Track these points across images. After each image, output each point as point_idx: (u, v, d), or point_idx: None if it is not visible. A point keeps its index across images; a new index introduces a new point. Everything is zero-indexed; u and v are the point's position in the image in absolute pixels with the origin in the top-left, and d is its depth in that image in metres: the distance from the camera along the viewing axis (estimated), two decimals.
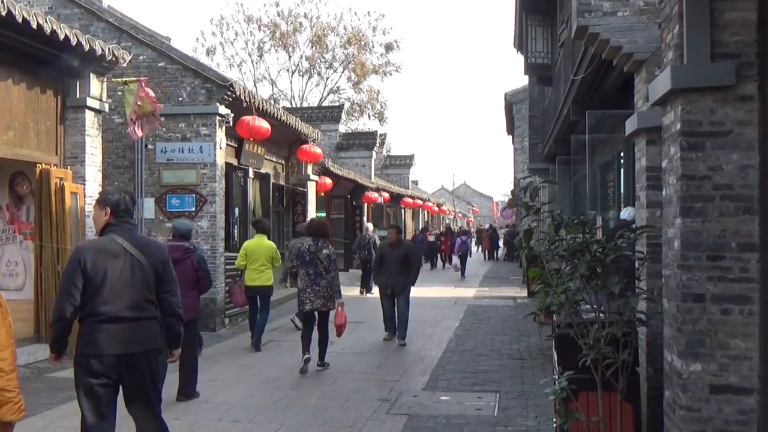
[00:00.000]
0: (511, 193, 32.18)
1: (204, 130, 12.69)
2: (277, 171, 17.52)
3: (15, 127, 8.95)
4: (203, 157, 12.66)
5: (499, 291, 19.58)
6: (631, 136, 6.15)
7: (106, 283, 4.14)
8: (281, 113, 15.31)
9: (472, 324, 13.06)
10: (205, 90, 12.72)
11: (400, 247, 11.05)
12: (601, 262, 4.42)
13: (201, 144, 12.64)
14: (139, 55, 12.76)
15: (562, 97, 10.87)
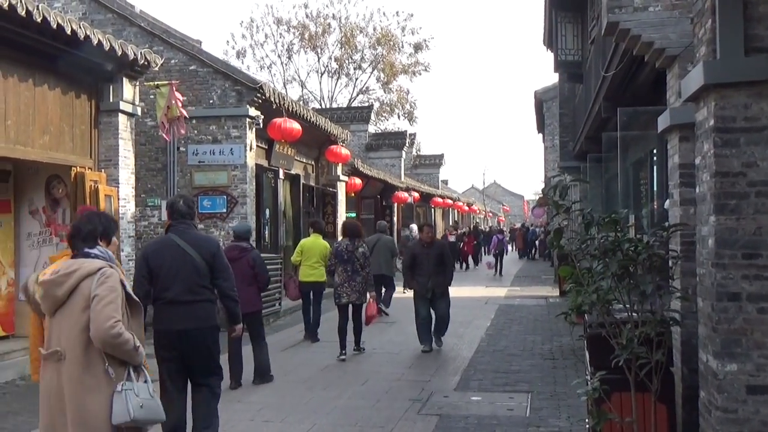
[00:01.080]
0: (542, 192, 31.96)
1: (234, 132, 12.80)
2: (307, 172, 17.61)
3: (51, 132, 9.12)
4: (234, 159, 12.77)
5: (531, 290, 19.45)
6: (664, 132, 6.07)
7: (164, 273, 5.05)
8: (311, 114, 15.39)
9: (503, 324, 13.00)
10: (236, 92, 12.83)
11: (434, 247, 10.31)
12: (633, 261, 4.37)
13: (231, 146, 12.75)
14: (170, 59, 12.92)
15: (593, 94, 10.76)
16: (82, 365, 3.57)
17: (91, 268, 3.63)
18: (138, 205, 11.96)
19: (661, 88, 6.89)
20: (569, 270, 4.66)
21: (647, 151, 8.87)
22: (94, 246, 3.76)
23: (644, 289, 4.31)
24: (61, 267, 3.69)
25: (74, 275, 3.62)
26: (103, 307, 3.52)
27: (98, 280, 3.59)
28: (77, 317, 3.60)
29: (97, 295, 3.55)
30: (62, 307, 3.65)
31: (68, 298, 3.63)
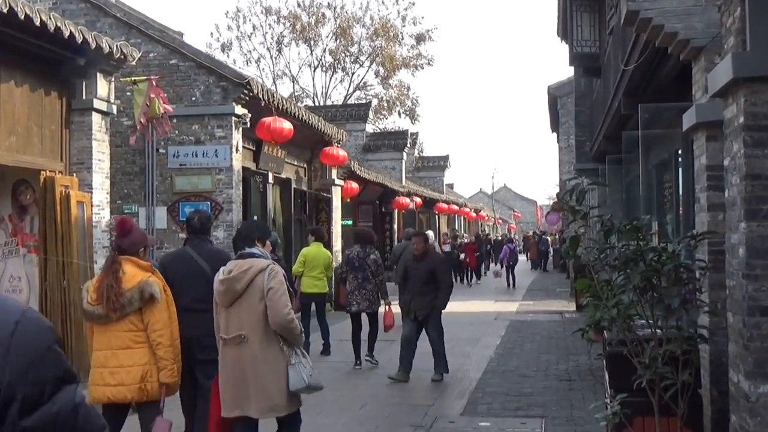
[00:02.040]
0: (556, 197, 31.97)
1: (219, 132, 12.81)
2: (299, 175, 17.62)
3: (17, 132, 9.12)
4: (218, 162, 12.78)
5: (545, 305, 19.44)
6: (689, 131, 6.08)
7: (177, 282, 5.61)
8: (303, 113, 15.41)
9: (514, 341, 12.99)
10: (221, 89, 12.85)
11: (425, 261, 9.55)
12: (657, 272, 4.38)
13: (216, 147, 12.76)
14: (149, 53, 12.94)
15: (612, 90, 10.78)
16: (262, 345, 4.85)
17: (262, 265, 4.89)
18: (113, 213, 11.95)
19: (686, 83, 6.90)
20: (586, 282, 4.67)
21: (671, 152, 8.88)
22: (253, 246, 5.06)
23: (669, 303, 4.32)
24: (234, 267, 4.95)
25: (249, 272, 4.87)
26: (279, 297, 4.81)
27: (269, 275, 4.84)
28: (255, 306, 4.86)
29: (272, 287, 4.82)
30: (240, 298, 4.90)
31: (244, 291, 4.87)
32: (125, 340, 4.94)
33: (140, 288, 4.92)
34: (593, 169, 16.81)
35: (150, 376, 4.95)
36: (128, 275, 4.96)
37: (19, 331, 1.32)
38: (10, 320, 1.32)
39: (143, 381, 4.93)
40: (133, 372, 4.92)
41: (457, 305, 19.55)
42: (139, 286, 4.92)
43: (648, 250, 4.39)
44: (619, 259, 4.46)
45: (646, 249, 4.41)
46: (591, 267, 4.63)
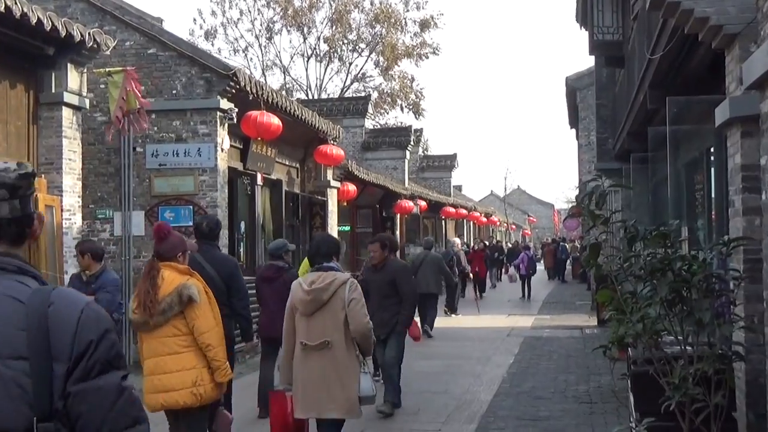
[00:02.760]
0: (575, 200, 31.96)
1: (203, 128, 12.83)
2: (291, 176, 17.64)
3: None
4: (202, 161, 12.79)
5: (563, 319, 19.44)
6: (722, 127, 6.08)
7: None
8: (295, 107, 15.43)
9: (529, 360, 12.98)
10: (204, 80, 12.87)
11: (385, 270, 9.03)
12: (686, 283, 4.38)
13: (199, 145, 12.77)
14: (125, 41, 12.96)
15: (637, 81, 10.79)
16: (343, 351, 5.86)
17: (344, 278, 5.94)
18: (86, 218, 11.95)
19: (718, 74, 6.90)
20: (609, 294, 4.67)
21: (702, 150, 8.88)
22: (330, 261, 6.06)
23: (700, 318, 4.32)
24: (316, 278, 5.91)
25: (333, 284, 5.87)
26: (360, 308, 5.88)
27: (350, 287, 5.89)
28: (338, 315, 5.85)
29: (354, 298, 5.86)
30: (323, 308, 5.87)
31: (328, 301, 5.86)
32: (171, 345, 5.40)
33: (178, 292, 5.34)
34: (616, 169, 16.82)
35: (201, 380, 5.39)
36: (167, 280, 5.40)
37: (83, 317, 1.91)
38: (78, 308, 1.92)
39: (194, 385, 5.37)
40: (183, 377, 5.37)
41: (466, 320, 19.58)
42: (177, 289, 5.36)
43: (676, 259, 4.39)
44: (645, 269, 4.46)
45: (675, 257, 4.41)
46: (613, 277, 4.63)
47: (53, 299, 1.91)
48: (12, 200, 2.02)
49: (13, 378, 1.82)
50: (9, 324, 1.86)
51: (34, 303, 1.90)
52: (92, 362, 1.88)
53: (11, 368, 1.83)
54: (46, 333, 1.86)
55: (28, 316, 1.87)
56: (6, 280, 1.96)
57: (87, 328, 1.90)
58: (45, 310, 1.88)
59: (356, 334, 5.86)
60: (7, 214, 2.02)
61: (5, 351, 1.84)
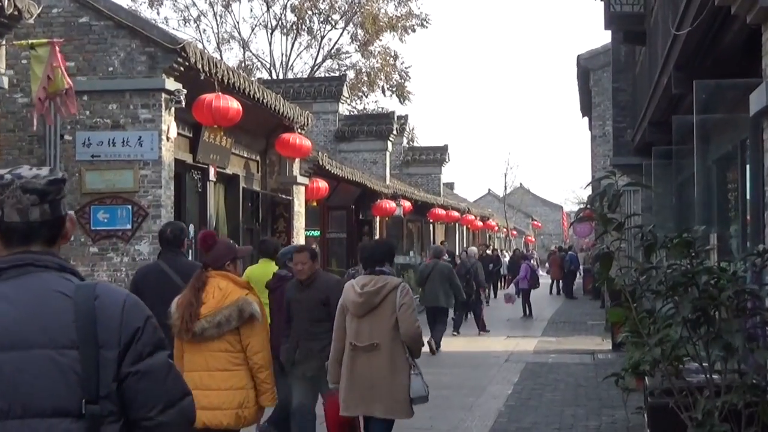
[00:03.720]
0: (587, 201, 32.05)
1: (144, 113, 12.77)
2: (250, 171, 17.61)
3: None
4: (143, 153, 12.73)
5: (572, 342, 19.48)
6: (759, 116, 6.13)
7: (148, 296, 6.09)
8: (256, 88, 15.41)
9: (531, 391, 13.00)
10: (147, 56, 12.82)
11: (313, 287, 8.17)
12: (714, 300, 4.41)
13: (140, 133, 12.72)
14: (51, 8, 12.88)
15: (661, 62, 10.86)
16: (392, 353, 7.00)
17: (395, 283, 7.13)
18: None
19: (754, 53, 6.95)
20: (622, 313, 4.69)
21: (736, 143, 8.95)
22: (383, 266, 7.27)
23: (730, 341, 4.35)
24: (368, 282, 7.12)
25: (385, 288, 7.04)
26: (411, 312, 7.06)
27: (402, 292, 7.04)
28: (389, 318, 7.01)
29: (405, 303, 7.01)
30: (373, 310, 7.02)
31: (379, 304, 7.01)
32: (222, 361, 5.93)
33: (239, 306, 5.88)
34: (635, 165, 16.90)
35: (248, 402, 5.97)
36: (224, 291, 5.96)
37: (127, 306, 2.55)
38: (120, 299, 2.56)
39: (241, 407, 5.92)
40: (231, 396, 5.92)
41: (458, 342, 19.54)
42: (238, 304, 5.90)
43: (702, 272, 4.42)
44: (665, 283, 4.49)
45: (700, 270, 4.44)
46: (628, 293, 4.65)
47: (98, 293, 2.54)
48: (42, 205, 2.60)
49: (69, 365, 2.43)
50: (61, 317, 2.47)
51: (80, 297, 2.51)
52: (141, 345, 2.52)
53: (66, 356, 2.43)
54: (94, 323, 2.47)
55: (76, 309, 2.48)
56: (52, 277, 2.56)
57: (132, 317, 2.54)
58: (92, 303, 2.50)
59: (406, 338, 7.02)
60: (38, 217, 2.59)
61: (60, 341, 2.44)
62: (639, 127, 15.32)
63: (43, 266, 2.56)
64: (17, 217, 2.58)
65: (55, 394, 2.42)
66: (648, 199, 16.55)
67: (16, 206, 2.57)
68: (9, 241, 2.60)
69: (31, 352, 2.44)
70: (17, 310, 2.48)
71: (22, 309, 2.48)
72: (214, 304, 5.90)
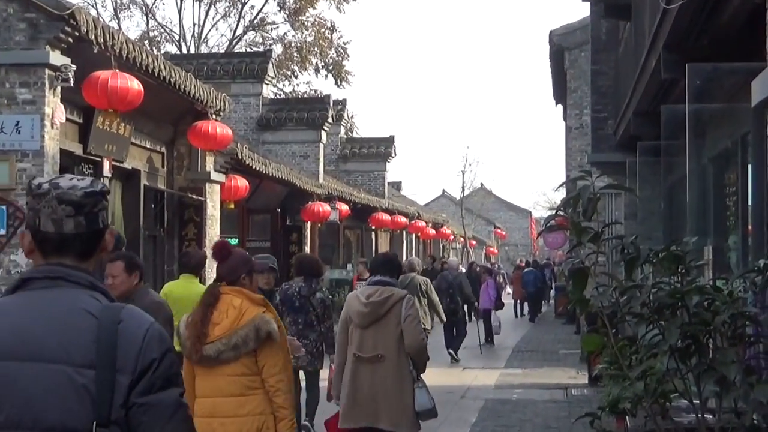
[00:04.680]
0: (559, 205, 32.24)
1: (23, 93, 12.64)
2: (154, 165, 17.49)
3: None
4: (21, 141, 12.60)
5: (541, 375, 19.58)
6: (763, 106, 6.21)
7: None
8: (161, 65, 15.31)
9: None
10: (26, 23, 12.69)
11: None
12: (706, 326, 4.45)
13: (17, 118, 12.59)
14: None
15: (648, 40, 10.95)
16: (396, 365, 8.14)
17: (401, 294, 8.34)
18: None
19: (757, 33, 7.05)
20: (599, 340, 4.72)
21: (736, 138, 9.06)
22: (392, 277, 8.58)
23: (725, 374, 4.39)
24: (373, 292, 8.31)
25: (391, 299, 8.22)
26: (416, 324, 8.31)
27: (407, 304, 8.24)
28: (394, 330, 8.15)
29: (410, 315, 8.20)
30: (378, 321, 8.19)
31: (384, 315, 8.16)
32: (238, 385, 6.29)
33: (256, 326, 6.20)
34: (617, 163, 17.03)
35: (267, 428, 6.31)
36: (239, 309, 6.26)
37: (149, 336, 2.88)
38: (144, 327, 2.89)
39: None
40: (249, 423, 6.27)
41: None
42: (255, 323, 6.23)
43: (693, 291, 4.46)
44: (650, 305, 4.53)
45: (691, 289, 4.48)
46: (606, 316, 4.69)
47: (123, 317, 2.88)
48: (77, 216, 2.95)
49: (84, 385, 2.77)
50: (84, 336, 2.82)
51: (105, 318, 2.86)
52: (155, 378, 2.83)
53: (83, 376, 2.78)
54: (114, 347, 2.81)
55: (99, 330, 2.82)
56: (81, 294, 2.92)
57: (151, 347, 2.86)
58: (115, 326, 2.84)
59: (411, 350, 8.19)
60: (72, 229, 2.95)
61: (79, 360, 2.79)
62: (622, 117, 15.45)
63: (74, 282, 2.93)
64: (52, 227, 2.95)
65: (68, 411, 2.76)
66: (632, 204, 16.67)
67: (51, 216, 2.95)
68: (44, 252, 2.99)
69: (49, 366, 2.79)
70: (41, 323, 2.85)
71: (46, 322, 2.85)
72: (228, 324, 6.23)
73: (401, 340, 8.14)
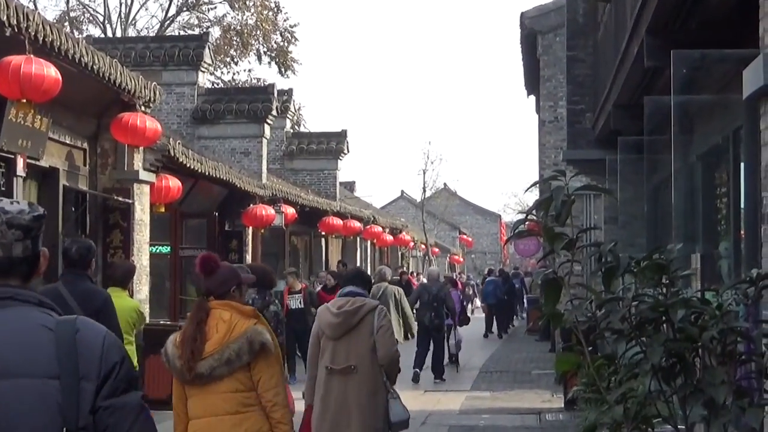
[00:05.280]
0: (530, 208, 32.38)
1: None
2: (74, 164, 17.40)
3: None
4: None
5: (511, 398, 19.63)
6: (755, 98, 6.26)
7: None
8: (83, 50, 15.25)
9: None
10: None
11: None
12: (693, 342, 4.47)
13: None
14: None
15: (630, 24, 11.02)
16: (369, 376, 8.86)
17: (373, 305, 9.13)
18: None
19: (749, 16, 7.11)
20: (575, 359, 4.74)
21: (728, 133, 9.13)
22: (363, 288, 9.38)
23: (713, 396, 4.42)
24: (344, 303, 9.04)
25: (363, 309, 8.97)
26: (390, 335, 9.08)
27: (380, 314, 9.00)
28: (366, 340, 8.91)
29: (383, 325, 8.98)
30: (351, 332, 8.92)
31: (356, 326, 8.91)
32: (233, 403, 6.62)
33: (249, 338, 6.58)
34: (596, 160, 17.10)
35: None
36: (229, 323, 6.65)
37: (107, 342, 3.36)
38: (101, 334, 3.39)
39: None
40: None
41: None
42: (247, 336, 6.60)
43: (678, 305, 4.48)
44: (630, 320, 4.55)
45: (676, 302, 4.49)
46: (582, 333, 4.71)
47: (79, 326, 3.36)
48: (25, 240, 3.39)
49: (52, 395, 3.20)
50: (44, 349, 3.26)
51: (61, 330, 3.32)
52: (118, 381, 3.31)
53: (49, 386, 3.21)
54: (76, 355, 3.26)
55: (57, 342, 3.27)
56: (33, 311, 3.36)
57: (111, 352, 3.35)
58: (73, 336, 3.30)
59: (384, 360, 8.96)
60: (20, 253, 3.38)
61: (44, 371, 3.22)
62: (601, 110, 15.52)
63: (24, 300, 3.36)
64: (0, 251, 3.34)
65: (39, 422, 3.19)
66: (612, 207, 16.74)
67: (0, 241, 3.34)
68: None
69: (18, 381, 3.20)
70: (2, 341, 3.24)
71: (5, 339, 3.25)
72: (219, 339, 6.58)
73: (374, 351, 8.88)
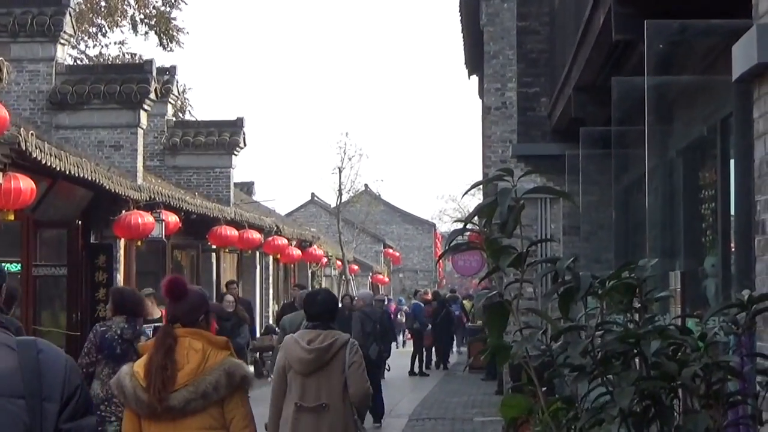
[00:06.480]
0: (469, 216, 32.56)
1: None
2: None
3: None
4: None
5: None
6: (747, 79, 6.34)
7: None
8: None
9: None
10: None
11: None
12: (670, 381, 4.51)
13: None
14: None
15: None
16: (342, 414, 10.16)
17: (344, 339, 10.36)
18: None
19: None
20: (525, 402, 4.77)
21: (715, 122, 9.23)
22: (331, 320, 10.62)
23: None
24: (314, 336, 10.10)
25: (335, 344, 10.16)
26: (362, 372, 10.35)
27: (351, 349, 10.25)
28: (338, 377, 10.13)
29: (355, 362, 10.25)
30: (323, 368, 10.04)
31: (329, 362, 10.07)
32: None
33: (227, 370, 7.23)
34: (553, 156, 17.21)
35: None
36: (201, 353, 7.24)
37: (69, 365, 4.04)
38: (62, 357, 4.07)
39: None
40: None
41: None
42: (224, 367, 7.25)
43: (652, 334, 4.52)
44: (593, 354, 4.58)
45: (649, 332, 4.54)
46: (533, 369, 4.73)
47: (40, 347, 3.93)
48: None
49: (18, 414, 3.73)
50: (9, 368, 3.78)
51: (24, 350, 3.87)
52: (79, 405, 3.89)
53: (16, 405, 3.74)
54: (39, 376, 3.81)
55: (21, 361, 3.82)
56: None
57: (74, 375, 3.95)
58: (36, 357, 3.86)
59: (355, 398, 10.15)
60: None
61: (9, 390, 3.75)
62: (560, 94, 15.61)
63: None
64: None
65: None
66: (573, 214, 16.84)
67: None
68: None
69: None
70: None
71: None
72: (192, 370, 7.14)
73: (345, 388, 10.05)
